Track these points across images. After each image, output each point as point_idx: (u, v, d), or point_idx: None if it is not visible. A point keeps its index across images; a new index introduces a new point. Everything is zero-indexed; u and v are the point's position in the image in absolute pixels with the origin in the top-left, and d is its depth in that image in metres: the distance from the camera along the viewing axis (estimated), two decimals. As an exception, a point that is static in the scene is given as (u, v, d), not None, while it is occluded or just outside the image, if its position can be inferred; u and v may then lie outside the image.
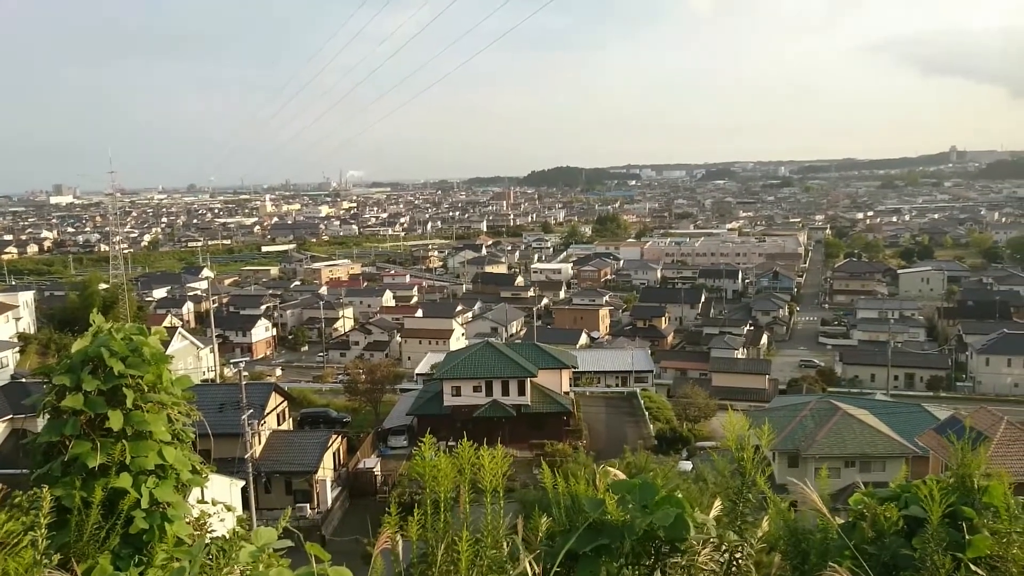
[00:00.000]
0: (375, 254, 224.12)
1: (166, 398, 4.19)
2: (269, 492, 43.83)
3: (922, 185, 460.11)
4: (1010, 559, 3.07)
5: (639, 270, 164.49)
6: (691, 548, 2.93)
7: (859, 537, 3.56)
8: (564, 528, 2.83)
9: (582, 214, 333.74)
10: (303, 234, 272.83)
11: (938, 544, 3.13)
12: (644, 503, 2.73)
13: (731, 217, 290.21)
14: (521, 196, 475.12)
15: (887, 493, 3.70)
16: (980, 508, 3.41)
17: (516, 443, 54.97)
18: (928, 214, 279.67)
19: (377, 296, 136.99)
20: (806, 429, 45.69)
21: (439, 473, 2.94)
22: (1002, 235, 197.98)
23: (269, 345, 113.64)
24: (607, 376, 78.04)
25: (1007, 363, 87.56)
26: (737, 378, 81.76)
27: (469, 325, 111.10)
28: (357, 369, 73.06)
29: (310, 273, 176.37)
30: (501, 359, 57.79)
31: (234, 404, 40.55)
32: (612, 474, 3.00)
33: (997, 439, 41.83)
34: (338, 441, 50.44)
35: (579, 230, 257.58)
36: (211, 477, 4.43)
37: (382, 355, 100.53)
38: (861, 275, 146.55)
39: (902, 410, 53.90)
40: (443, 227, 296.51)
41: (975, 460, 3.60)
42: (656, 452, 49.30)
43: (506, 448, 17.42)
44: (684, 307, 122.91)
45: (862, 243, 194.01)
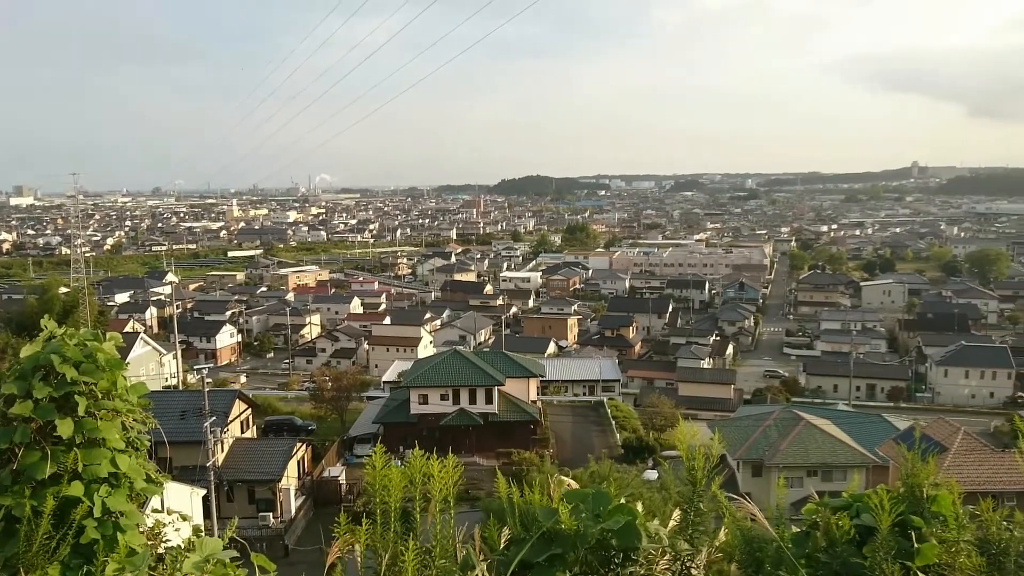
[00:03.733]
0: (343, 260, 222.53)
1: (120, 405, 4.11)
2: (232, 501, 43.19)
3: (884, 199, 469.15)
4: (957, 567, 3.13)
5: (608, 279, 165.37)
6: (646, 558, 2.96)
7: (812, 546, 3.61)
8: (520, 537, 2.83)
9: (552, 223, 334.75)
10: (270, 239, 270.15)
11: (887, 553, 3.18)
12: (597, 512, 2.75)
13: (699, 228, 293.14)
14: (491, 204, 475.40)
15: (840, 502, 3.76)
16: (929, 517, 3.48)
17: (483, 452, 54.99)
18: (890, 228, 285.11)
19: (345, 303, 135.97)
20: (770, 439, 46.24)
21: (389, 483, 2.93)
22: (961, 249, 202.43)
23: (234, 351, 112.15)
24: (575, 385, 78.26)
25: (965, 374, 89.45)
26: (703, 388, 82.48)
27: (437, 333, 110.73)
28: (323, 376, 72.37)
29: (277, 279, 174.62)
30: (469, 367, 57.68)
31: (196, 411, 39.96)
32: (566, 483, 3.02)
33: (954, 449, 42.72)
34: (303, 449, 49.91)
35: (549, 239, 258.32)
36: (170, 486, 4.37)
37: (349, 362, 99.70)
38: (825, 287, 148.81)
39: (863, 420, 54.82)
40: (412, 234, 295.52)
41: (925, 470, 3.66)
42: (622, 461, 49.50)
43: (473, 457, 17.47)
44: (652, 317, 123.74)
45: (826, 255, 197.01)
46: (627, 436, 59.97)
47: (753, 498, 4.13)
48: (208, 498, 35.70)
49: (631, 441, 58.46)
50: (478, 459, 54.12)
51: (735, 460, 46.34)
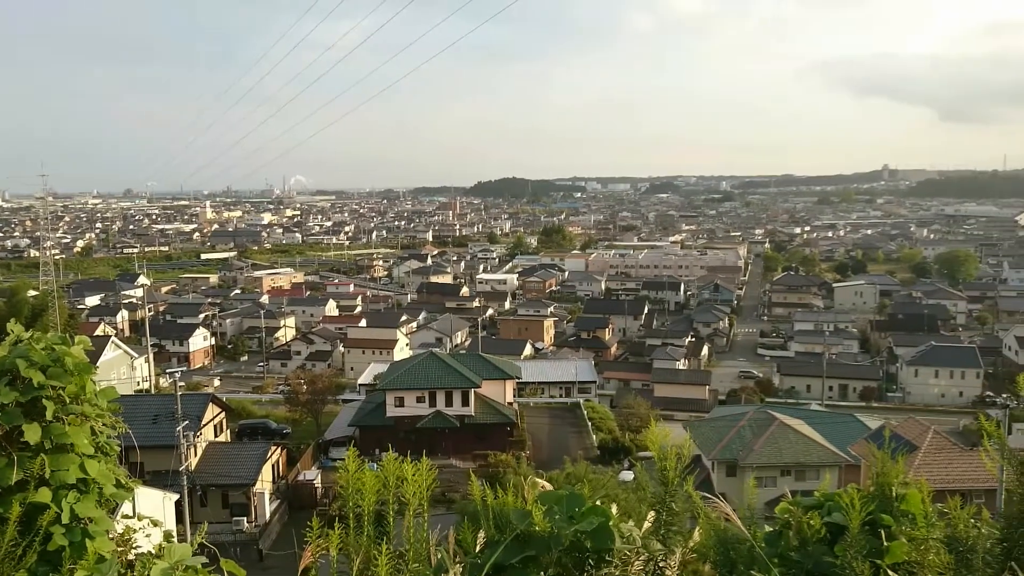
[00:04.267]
0: (318, 263, 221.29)
1: (89, 410, 4.05)
2: (205, 506, 42.70)
3: (856, 202, 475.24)
4: (925, 565, 3.17)
5: (584, 281, 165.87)
6: (622, 559, 2.96)
7: (784, 545, 3.64)
8: (494, 540, 2.83)
9: (528, 225, 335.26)
10: (244, 242, 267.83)
11: (858, 551, 3.22)
12: (571, 514, 2.75)
13: (674, 230, 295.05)
14: (467, 206, 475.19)
15: (811, 502, 3.79)
16: (898, 515, 3.52)
17: (460, 454, 54.89)
18: (862, 230, 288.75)
19: (320, 305, 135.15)
20: (744, 439, 46.61)
21: (362, 486, 2.91)
22: (931, 251, 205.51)
23: (207, 355, 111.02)
24: (551, 387, 78.40)
25: (935, 374, 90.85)
26: (679, 388, 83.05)
27: (413, 335, 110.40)
28: (298, 379, 71.86)
29: (251, 281, 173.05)
30: (445, 370, 57.56)
31: (169, 415, 39.46)
32: (540, 485, 3.02)
33: (924, 448, 43.35)
34: (278, 453, 49.52)
35: (525, 241, 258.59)
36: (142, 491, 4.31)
37: (324, 365, 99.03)
38: (798, 288, 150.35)
39: (836, 420, 55.46)
40: (388, 236, 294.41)
41: (894, 469, 3.71)
42: (599, 462, 49.70)
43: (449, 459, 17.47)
44: (627, 318, 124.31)
45: (799, 257, 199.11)
46: (603, 437, 60.18)
47: (728, 498, 4.16)
48: (181, 503, 35.28)
49: (607, 442, 58.69)
50: (454, 461, 53.99)
51: (710, 460, 46.66)
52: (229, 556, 3.10)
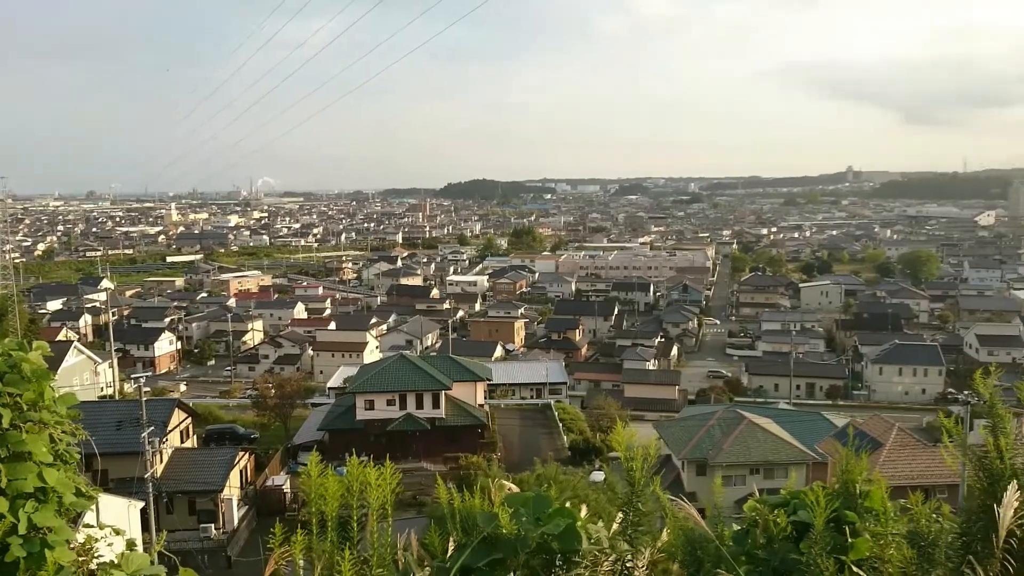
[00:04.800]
0: (287, 265, 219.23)
1: (48, 417, 3.96)
2: (171, 513, 42.03)
3: (821, 203, 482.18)
4: (887, 559, 3.22)
5: (554, 283, 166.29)
6: (591, 560, 2.97)
7: (752, 543, 3.67)
8: (462, 543, 2.82)
9: (498, 227, 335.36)
10: (211, 244, 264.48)
11: (823, 548, 3.25)
12: (538, 516, 2.74)
13: (643, 231, 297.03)
14: (437, 208, 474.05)
15: (778, 500, 3.83)
16: (862, 512, 3.57)
17: (430, 456, 54.69)
18: (827, 230, 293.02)
19: (288, 308, 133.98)
20: (713, 438, 47.00)
21: (326, 491, 2.88)
22: (894, 251, 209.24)
23: (173, 359, 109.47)
24: (522, 388, 78.49)
25: (898, 372, 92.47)
26: (649, 389, 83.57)
27: (384, 338, 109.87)
28: (266, 384, 71.14)
29: (218, 284, 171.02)
30: (415, 372, 57.33)
31: (134, 421, 38.82)
32: (507, 487, 3.01)
33: (889, 444, 44.11)
34: (245, 458, 48.94)
35: (495, 243, 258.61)
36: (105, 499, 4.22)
37: (293, 369, 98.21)
38: (765, 288, 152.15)
39: (803, 418, 56.12)
40: (358, 238, 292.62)
41: (858, 467, 3.76)
42: (570, 463, 49.79)
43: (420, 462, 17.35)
44: (598, 319, 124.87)
45: (766, 258, 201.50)
46: (574, 438, 60.34)
47: (698, 497, 4.20)
48: (146, 510, 34.71)
49: (578, 443, 58.84)
50: (425, 464, 53.80)
51: (680, 460, 47.00)
52: (197, 564, 3.05)
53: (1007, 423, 3.49)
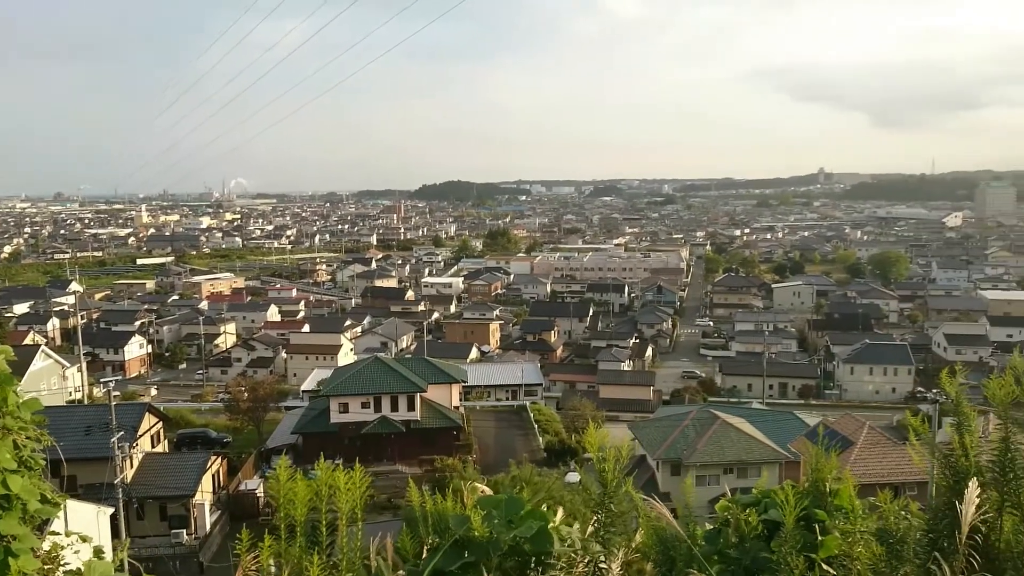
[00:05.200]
0: (260, 267, 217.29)
1: (12, 422, 3.88)
2: (142, 519, 41.49)
3: (793, 204, 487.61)
4: (856, 557, 3.26)
5: (529, 284, 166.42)
6: (566, 562, 2.97)
7: (724, 542, 3.70)
8: (435, 546, 2.81)
9: (473, 228, 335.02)
10: (182, 246, 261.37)
11: (793, 546, 3.28)
12: (510, 518, 2.74)
13: (618, 233, 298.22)
14: (412, 210, 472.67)
15: (749, 499, 3.86)
16: (831, 510, 3.61)
17: (406, 459, 54.55)
18: (799, 231, 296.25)
19: (261, 311, 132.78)
20: (688, 438, 47.28)
21: (295, 496, 2.85)
22: (864, 252, 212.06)
23: (144, 363, 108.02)
24: (497, 390, 78.49)
25: (869, 371, 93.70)
26: (624, 390, 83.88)
27: (358, 340, 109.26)
28: (239, 387, 70.43)
29: (189, 287, 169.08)
30: (390, 374, 57.10)
31: (103, 426, 38.25)
32: (480, 490, 3.00)
33: (860, 443, 44.69)
34: (218, 462, 48.43)
35: (470, 244, 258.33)
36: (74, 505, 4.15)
37: (266, 372, 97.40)
38: (739, 289, 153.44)
39: (776, 418, 56.67)
40: (332, 240, 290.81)
41: (828, 465, 3.80)
42: (545, 464, 49.90)
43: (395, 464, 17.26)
44: (573, 321, 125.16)
45: (739, 259, 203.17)
46: (550, 439, 60.43)
47: (673, 497, 4.22)
48: (116, 517, 34.21)
49: (553, 444, 58.95)
50: (400, 467, 53.62)
51: (655, 460, 47.24)
52: (168, 570, 3.01)
53: (972, 421, 3.55)
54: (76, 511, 25.95)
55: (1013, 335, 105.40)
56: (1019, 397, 3.35)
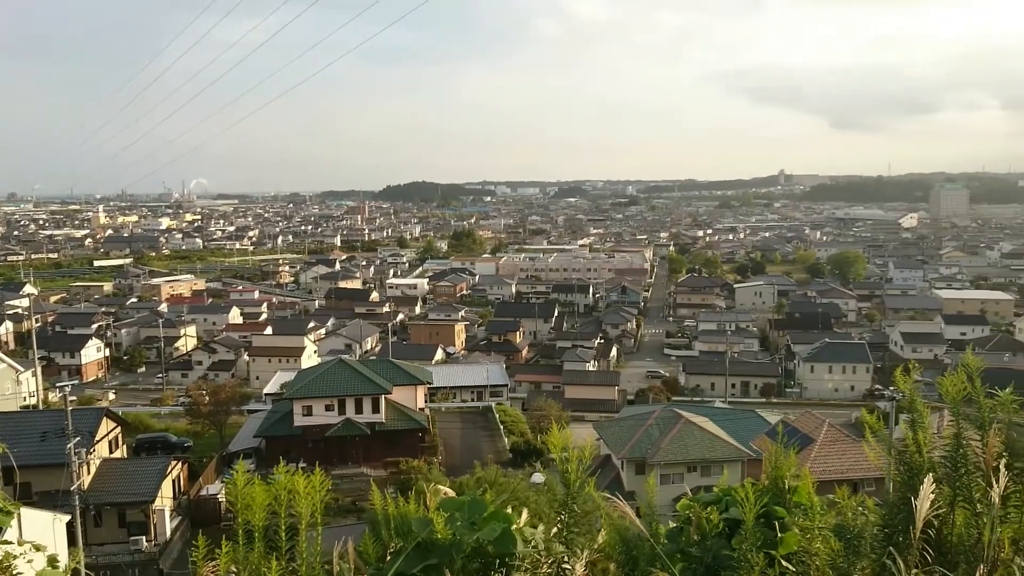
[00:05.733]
0: (221, 269, 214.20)
1: (-40, 429, 3.79)
2: (100, 526, 40.67)
3: (755, 205, 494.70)
4: (814, 552, 3.30)
5: (494, 285, 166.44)
6: (530, 563, 2.96)
7: (685, 541, 3.73)
8: (397, 549, 2.79)
9: (438, 229, 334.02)
10: (141, 248, 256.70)
11: (753, 543, 3.32)
12: (473, 520, 2.73)
13: (582, 233, 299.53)
14: (376, 211, 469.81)
15: (710, 497, 3.90)
16: (791, 507, 3.66)
17: (371, 462, 54.20)
18: (760, 232, 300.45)
19: (223, 313, 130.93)
20: (652, 437, 47.64)
21: (252, 501, 2.81)
22: (823, 252, 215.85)
23: (101, 367, 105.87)
24: (463, 391, 78.37)
25: (829, 370, 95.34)
26: (589, 390, 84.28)
27: (322, 342, 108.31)
28: (200, 390, 69.37)
29: (149, 289, 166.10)
30: (354, 376, 56.69)
31: (59, 432, 37.37)
32: (443, 492, 2.99)
33: (820, 440, 45.44)
34: (178, 468, 47.64)
35: (435, 245, 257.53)
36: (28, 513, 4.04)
37: (228, 375, 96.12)
38: (702, 289, 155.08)
39: (738, 416, 57.38)
40: (295, 241, 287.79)
41: (787, 463, 3.85)
42: (511, 465, 49.94)
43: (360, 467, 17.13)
44: (538, 321, 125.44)
45: (702, 259, 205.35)
46: (515, 440, 60.48)
47: (638, 496, 4.25)
48: (73, 524, 33.45)
49: (519, 445, 59.00)
50: (366, 469, 53.27)
51: (619, 459, 47.53)
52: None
53: (926, 418, 3.62)
54: (31, 519, 25.30)
55: (966, 333, 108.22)
56: (971, 394, 3.42)
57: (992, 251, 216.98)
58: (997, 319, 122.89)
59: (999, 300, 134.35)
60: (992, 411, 3.41)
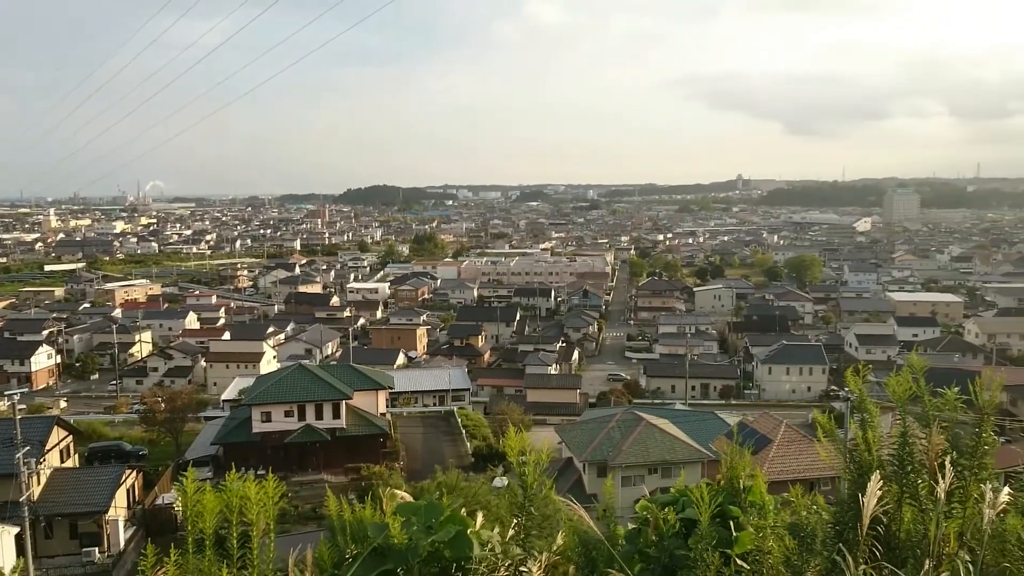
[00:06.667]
0: (177, 273, 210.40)
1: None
2: (50, 537, 39.62)
3: (714, 210, 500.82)
4: (768, 551, 3.36)
5: (456, 289, 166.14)
6: (488, 567, 2.96)
7: (643, 542, 3.76)
8: (353, 555, 2.76)
9: (399, 233, 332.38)
10: (94, 252, 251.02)
11: (709, 542, 3.36)
12: (429, 524, 2.72)
13: (544, 237, 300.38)
14: (337, 214, 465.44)
15: (667, 498, 3.94)
16: (745, 507, 3.72)
17: (331, 468, 53.67)
18: (719, 236, 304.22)
19: (179, 318, 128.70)
20: (613, 440, 47.94)
21: (203, 508, 2.77)
22: (781, 256, 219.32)
23: (52, 374, 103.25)
24: (425, 396, 78.04)
25: (786, 371, 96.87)
26: (551, 393, 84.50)
27: (281, 347, 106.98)
28: (155, 397, 68.09)
29: (102, 294, 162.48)
30: (315, 382, 56.09)
31: (7, 441, 36.35)
32: (399, 496, 2.97)
33: (778, 440, 46.18)
34: (133, 476, 46.66)
35: (396, 249, 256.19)
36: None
37: (184, 381, 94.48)
38: (662, 293, 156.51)
39: (698, 418, 58.04)
40: (253, 245, 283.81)
41: (741, 463, 3.92)
42: (473, 469, 49.80)
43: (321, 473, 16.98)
44: (500, 325, 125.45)
45: (663, 263, 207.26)
46: (477, 444, 60.37)
47: (600, 498, 4.27)
48: (22, 536, 32.54)
49: (481, 449, 58.88)
50: (326, 476, 52.72)
51: (581, 462, 47.75)
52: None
53: (875, 418, 3.71)
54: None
55: (918, 334, 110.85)
56: (917, 393, 3.51)
57: (942, 255, 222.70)
58: (947, 321, 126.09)
59: (949, 302, 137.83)
60: (937, 409, 3.50)
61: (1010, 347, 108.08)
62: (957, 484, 3.29)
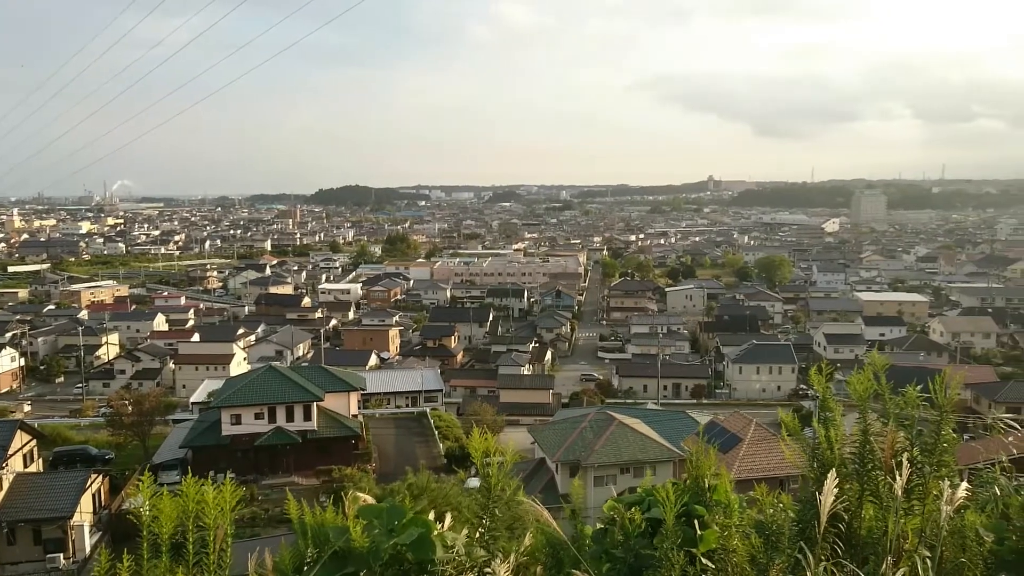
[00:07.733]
0: (145, 275, 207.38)
1: None
2: (13, 544, 38.86)
3: (685, 210, 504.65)
4: (732, 549, 3.38)
5: (429, 290, 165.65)
6: (453, 568, 2.94)
7: (610, 541, 3.76)
8: (313, 559, 2.73)
9: (372, 233, 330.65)
10: (59, 252, 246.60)
11: (674, 542, 3.37)
12: (391, 527, 2.70)
13: (517, 238, 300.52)
14: (308, 214, 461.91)
15: (634, 498, 3.95)
16: (711, 506, 3.74)
17: (302, 470, 53.27)
18: (690, 237, 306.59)
19: (147, 320, 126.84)
20: (586, 440, 48.03)
21: (160, 513, 2.72)
22: (751, 256, 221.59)
23: (15, 377, 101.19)
24: (397, 397, 77.74)
25: (756, 371, 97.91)
26: (523, 394, 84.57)
27: (252, 349, 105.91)
28: (122, 400, 67.05)
29: (67, 295, 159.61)
30: (285, 383, 55.62)
31: (-31, 446, 35.60)
32: (362, 499, 2.94)
33: (748, 439, 46.59)
34: (99, 481, 45.89)
35: (369, 250, 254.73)
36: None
37: (152, 384, 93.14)
38: (634, 293, 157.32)
39: (670, 417, 58.43)
40: (223, 246, 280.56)
41: (707, 462, 3.94)
42: (446, 470, 49.67)
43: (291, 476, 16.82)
44: (473, 326, 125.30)
45: (635, 263, 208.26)
46: (450, 445, 60.24)
47: (572, 498, 4.27)
48: (-16, 543, 31.87)
49: (454, 450, 58.76)
50: (297, 478, 52.32)
51: (554, 462, 47.80)
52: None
53: (838, 416, 3.75)
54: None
55: (885, 334, 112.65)
56: (878, 391, 3.56)
57: (908, 255, 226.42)
58: (913, 320, 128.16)
59: (915, 302, 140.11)
60: (898, 407, 3.55)
61: (973, 345, 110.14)
62: (917, 481, 3.34)
